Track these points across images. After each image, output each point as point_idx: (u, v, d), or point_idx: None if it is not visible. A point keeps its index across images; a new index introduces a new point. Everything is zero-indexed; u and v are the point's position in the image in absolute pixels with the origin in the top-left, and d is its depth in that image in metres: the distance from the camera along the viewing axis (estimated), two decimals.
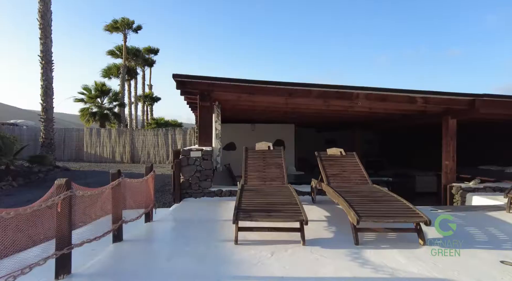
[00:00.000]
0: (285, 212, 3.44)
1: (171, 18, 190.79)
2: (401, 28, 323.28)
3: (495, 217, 4.55)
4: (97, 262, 2.82)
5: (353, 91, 5.90)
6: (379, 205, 3.62)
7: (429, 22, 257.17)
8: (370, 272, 2.62)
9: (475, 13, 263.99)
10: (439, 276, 2.55)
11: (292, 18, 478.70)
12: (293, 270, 2.64)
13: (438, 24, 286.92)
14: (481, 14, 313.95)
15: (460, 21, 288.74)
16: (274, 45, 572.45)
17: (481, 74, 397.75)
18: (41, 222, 2.36)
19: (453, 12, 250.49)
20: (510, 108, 6.27)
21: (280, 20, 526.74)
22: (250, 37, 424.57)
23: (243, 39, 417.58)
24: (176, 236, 3.80)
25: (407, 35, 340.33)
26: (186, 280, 2.51)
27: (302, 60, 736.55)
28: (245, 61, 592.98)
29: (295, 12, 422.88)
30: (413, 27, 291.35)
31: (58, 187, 2.43)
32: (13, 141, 9.50)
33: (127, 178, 3.60)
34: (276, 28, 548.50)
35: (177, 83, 5.54)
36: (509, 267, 2.73)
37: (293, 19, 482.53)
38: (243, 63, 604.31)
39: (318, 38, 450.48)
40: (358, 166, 5.06)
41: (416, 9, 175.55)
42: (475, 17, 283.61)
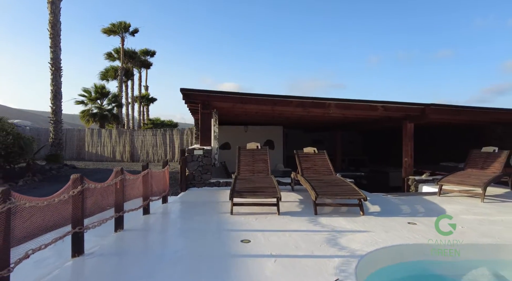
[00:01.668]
0: (266, 192, 4.82)
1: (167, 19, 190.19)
2: (394, 29, 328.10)
3: (426, 199, 6.01)
4: (140, 222, 4.16)
5: (326, 101, 7.31)
6: (334, 188, 5.03)
7: (422, 24, 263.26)
8: (319, 228, 4.02)
9: (466, 16, 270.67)
10: (362, 229, 3.95)
11: (290, 18, 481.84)
12: (269, 227, 4.01)
13: (431, 26, 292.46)
14: (471, 16, 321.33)
15: (451, 23, 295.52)
16: (270, 46, 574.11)
17: (471, 75, 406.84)
18: (107, 195, 3.68)
19: (445, 14, 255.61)
20: (451, 114, 7.78)
21: (275, 21, 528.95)
22: (245, 38, 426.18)
23: (240, 40, 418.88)
24: (188, 211, 5.15)
25: (400, 36, 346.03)
26: (200, 232, 3.86)
27: (299, 60, 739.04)
28: (243, 60, 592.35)
29: (294, 13, 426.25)
30: (407, 29, 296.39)
31: (116, 173, 3.75)
32: (32, 141, 10.66)
33: (150, 169, 4.92)
34: (271, 29, 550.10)
35: (183, 95, 6.87)
36: (411, 225, 4.15)
37: (291, 19, 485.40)
38: (242, 63, 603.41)
39: (312, 37, 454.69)
40: (327, 161, 6.46)
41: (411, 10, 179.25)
42: (465, 19, 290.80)
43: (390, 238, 3.56)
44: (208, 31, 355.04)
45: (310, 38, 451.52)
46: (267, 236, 3.59)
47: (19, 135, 10.14)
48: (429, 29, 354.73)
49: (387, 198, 6.23)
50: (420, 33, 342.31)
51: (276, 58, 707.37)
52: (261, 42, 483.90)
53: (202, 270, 2.70)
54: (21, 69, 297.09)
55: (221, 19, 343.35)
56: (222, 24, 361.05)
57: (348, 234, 3.73)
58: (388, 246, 3.33)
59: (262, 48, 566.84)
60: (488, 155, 7.19)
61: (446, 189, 6.63)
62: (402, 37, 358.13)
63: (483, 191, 5.78)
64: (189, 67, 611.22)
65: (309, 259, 2.92)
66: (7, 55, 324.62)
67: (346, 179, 5.72)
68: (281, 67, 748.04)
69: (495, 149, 7.24)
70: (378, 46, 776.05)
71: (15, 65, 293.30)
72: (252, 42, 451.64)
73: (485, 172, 6.70)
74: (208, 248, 3.28)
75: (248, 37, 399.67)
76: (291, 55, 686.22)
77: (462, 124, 10.97)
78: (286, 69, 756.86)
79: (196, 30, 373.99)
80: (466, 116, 8.10)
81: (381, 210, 5.08)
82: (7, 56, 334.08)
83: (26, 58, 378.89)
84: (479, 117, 8.22)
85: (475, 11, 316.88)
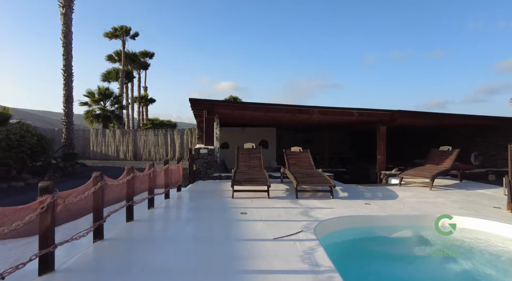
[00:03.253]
0: (259, 181, 6.27)
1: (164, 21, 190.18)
2: (389, 29, 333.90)
3: (388, 188, 7.51)
4: (163, 204, 5.57)
5: (310, 108, 8.77)
6: (311, 178, 6.49)
7: (416, 24, 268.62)
8: (297, 206, 5.46)
9: (458, 18, 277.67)
10: (329, 207, 5.40)
11: (287, 20, 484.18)
12: (260, 205, 5.46)
13: (425, 26, 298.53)
14: (463, 18, 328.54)
15: (443, 25, 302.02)
16: (266, 46, 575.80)
17: (464, 75, 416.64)
18: (143, 182, 5.09)
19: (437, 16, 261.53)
20: (414, 117, 9.31)
21: (272, 22, 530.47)
22: (244, 38, 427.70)
23: (237, 40, 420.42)
24: (198, 196, 6.56)
25: (395, 37, 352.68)
26: (211, 209, 5.28)
27: (295, 60, 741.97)
28: (240, 60, 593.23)
29: (290, 14, 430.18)
30: (401, 29, 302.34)
31: (150, 166, 5.15)
32: (52, 141, 11.96)
33: (168, 165, 6.32)
34: (267, 30, 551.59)
35: (191, 103, 8.28)
36: (366, 205, 5.61)
37: (288, 21, 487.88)
38: (239, 62, 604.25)
39: (310, 39, 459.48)
40: (309, 158, 7.92)
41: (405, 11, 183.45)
42: (457, 21, 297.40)
43: (346, 212, 5.03)
44: (206, 31, 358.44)
45: (309, 38, 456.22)
46: (259, 211, 5.04)
47: (41, 136, 11.43)
48: (422, 30, 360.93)
49: (357, 188, 7.70)
50: (414, 35, 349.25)
51: (273, 58, 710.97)
52: (259, 42, 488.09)
53: (215, 226, 4.14)
54: (12, 68, 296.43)
55: (218, 19, 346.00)
56: (220, 24, 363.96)
57: (317, 209, 5.18)
58: (343, 216, 4.79)
59: (260, 48, 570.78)
60: (443, 153, 8.72)
61: (408, 181, 8.14)
62: (396, 38, 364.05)
63: (431, 182, 7.28)
64: (185, 66, 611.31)
65: (286, 222, 4.36)
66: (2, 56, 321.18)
67: (323, 172, 7.18)
68: (278, 67, 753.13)
69: (449, 148, 8.77)
70: (374, 47, 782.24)
71: (5, 64, 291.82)
72: (249, 43, 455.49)
73: (437, 167, 8.21)
74: (217, 217, 4.72)
75: (247, 37, 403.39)
76: (287, 55, 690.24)
77: (435, 127, 12.55)
78: (282, 69, 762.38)
79: (193, 30, 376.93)
80: (427, 120, 9.63)
81: (348, 195, 6.56)
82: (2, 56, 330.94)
83: (18, 57, 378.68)
84: (438, 121, 9.76)
85: (467, 14, 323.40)
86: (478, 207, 5.46)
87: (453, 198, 6.32)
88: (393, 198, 6.28)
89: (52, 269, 2.65)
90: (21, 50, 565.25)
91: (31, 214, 2.43)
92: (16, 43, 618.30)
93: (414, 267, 4.11)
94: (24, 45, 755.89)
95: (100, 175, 3.46)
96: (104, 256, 3.17)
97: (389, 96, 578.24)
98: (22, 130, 10.62)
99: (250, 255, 3.10)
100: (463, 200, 6.08)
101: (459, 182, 8.46)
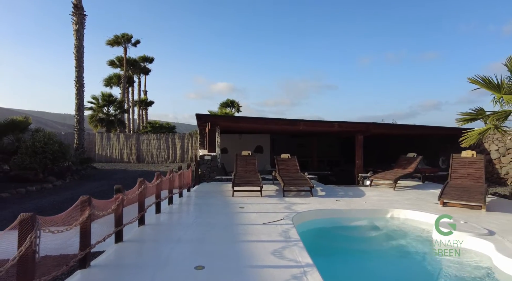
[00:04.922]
0: (254, 183, 7.87)
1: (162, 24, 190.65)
2: (383, 30, 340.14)
3: (359, 189, 9.15)
4: (178, 201, 7.13)
5: (296, 121, 10.39)
6: (296, 180, 8.11)
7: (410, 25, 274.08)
8: (283, 202, 7.06)
9: (449, 21, 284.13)
10: (307, 203, 7.00)
11: (284, 20, 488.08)
12: (255, 202, 7.05)
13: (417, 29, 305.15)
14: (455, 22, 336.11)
15: (436, 28, 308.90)
16: (264, 47, 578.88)
17: (457, 76, 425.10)
18: (167, 184, 6.64)
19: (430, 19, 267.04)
20: (387, 129, 11.00)
21: (268, 24, 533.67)
22: (242, 38, 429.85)
23: (235, 40, 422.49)
24: (204, 196, 8.12)
25: (389, 38, 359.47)
26: (215, 205, 6.85)
27: (291, 61, 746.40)
28: (236, 61, 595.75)
29: (288, 15, 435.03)
30: (396, 30, 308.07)
31: (170, 172, 6.72)
32: (69, 147, 13.43)
33: (181, 169, 7.89)
34: (263, 30, 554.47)
35: (197, 118, 9.87)
36: (337, 202, 7.23)
37: (286, 21, 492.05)
38: (235, 63, 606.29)
39: (304, 39, 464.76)
40: (296, 164, 9.53)
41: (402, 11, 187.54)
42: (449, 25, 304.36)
43: (320, 206, 6.64)
44: (203, 30, 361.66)
45: (306, 38, 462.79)
46: (253, 206, 6.63)
47: (61, 142, 12.90)
48: (415, 32, 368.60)
49: (335, 188, 9.33)
50: (407, 36, 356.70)
51: (269, 59, 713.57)
52: (256, 43, 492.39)
53: (221, 216, 5.73)
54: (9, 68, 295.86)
55: (215, 20, 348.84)
56: (218, 24, 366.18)
57: (298, 205, 6.79)
58: (316, 209, 6.40)
59: (256, 49, 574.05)
60: (409, 159, 10.39)
61: (379, 182, 9.79)
62: (391, 39, 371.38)
63: (394, 183, 8.94)
64: (182, 66, 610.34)
65: (272, 214, 5.95)
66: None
67: (307, 176, 8.80)
68: (274, 68, 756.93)
69: (414, 155, 10.45)
70: (368, 48, 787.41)
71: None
72: (246, 43, 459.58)
73: (403, 171, 9.87)
74: (222, 210, 6.31)
75: (244, 38, 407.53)
76: (283, 56, 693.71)
77: (411, 135, 14.23)
78: (278, 70, 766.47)
79: (190, 30, 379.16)
80: (398, 130, 11.33)
81: (325, 194, 8.18)
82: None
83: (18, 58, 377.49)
84: (408, 131, 11.45)
85: (459, 17, 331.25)
86: (422, 203, 7.10)
87: (407, 196, 7.97)
88: (360, 196, 7.91)
89: (122, 240, 4.22)
90: (20, 51, 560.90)
91: (113, 205, 3.99)
92: (16, 43, 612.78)
93: (365, 245, 5.73)
94: (23, 45, 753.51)
95: (142, 180, 5.01)
96: (165, 223, 4.75)
97: (384, 97, 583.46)
98: (45, 138, 12.10)
99: (246, 233, 4.69)
100: (414, 198, 7.73)
101: (421, 183, 10.14)
